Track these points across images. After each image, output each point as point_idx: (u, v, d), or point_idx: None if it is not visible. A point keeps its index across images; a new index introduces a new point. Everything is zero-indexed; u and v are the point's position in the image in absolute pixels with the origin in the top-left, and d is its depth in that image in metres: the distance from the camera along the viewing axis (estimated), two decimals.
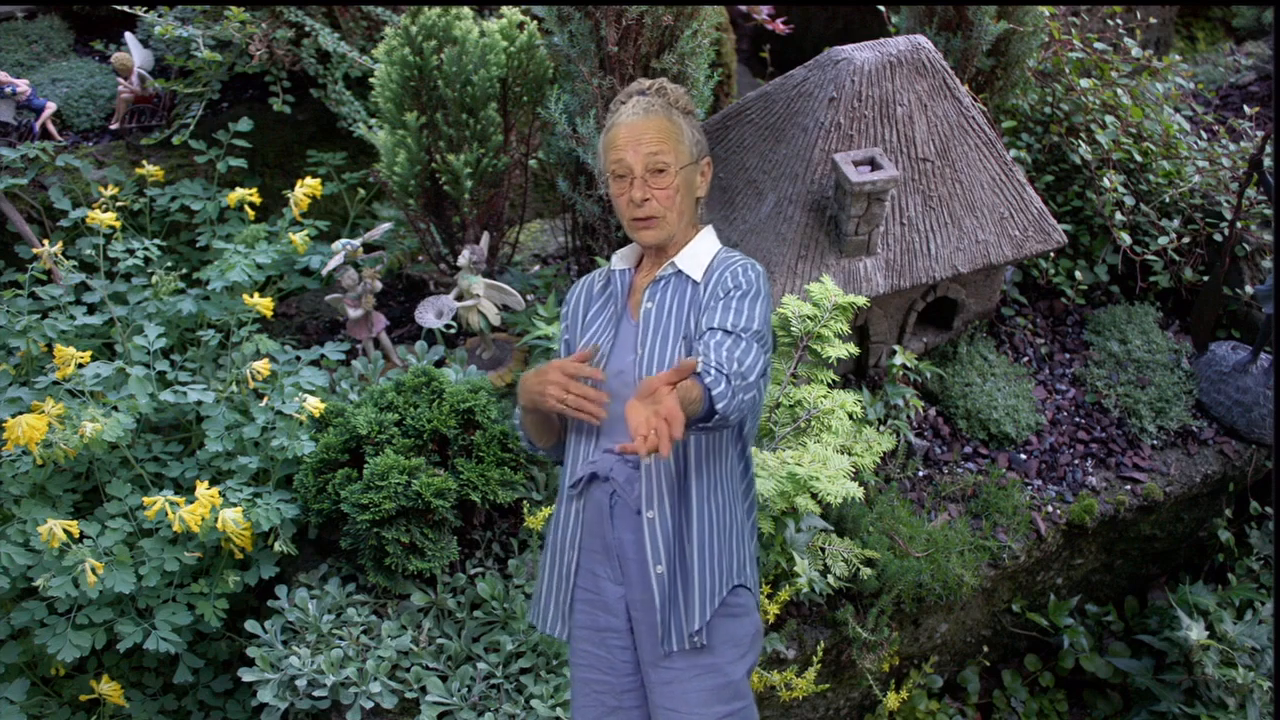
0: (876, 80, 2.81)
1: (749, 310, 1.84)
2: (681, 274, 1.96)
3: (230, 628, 2.74)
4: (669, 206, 1.92)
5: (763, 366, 1.81)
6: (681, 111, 1.95)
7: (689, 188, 1.95)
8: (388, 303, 3.48)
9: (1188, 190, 3.50)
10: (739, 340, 1.79)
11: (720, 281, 1.90)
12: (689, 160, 1.93)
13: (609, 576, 1.97)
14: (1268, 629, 2.98)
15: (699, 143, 1.96)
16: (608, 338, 1.98)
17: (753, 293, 1.86)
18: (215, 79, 3.62)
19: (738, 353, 1.77)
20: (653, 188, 1.91)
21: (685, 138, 1.93)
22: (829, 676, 2.67)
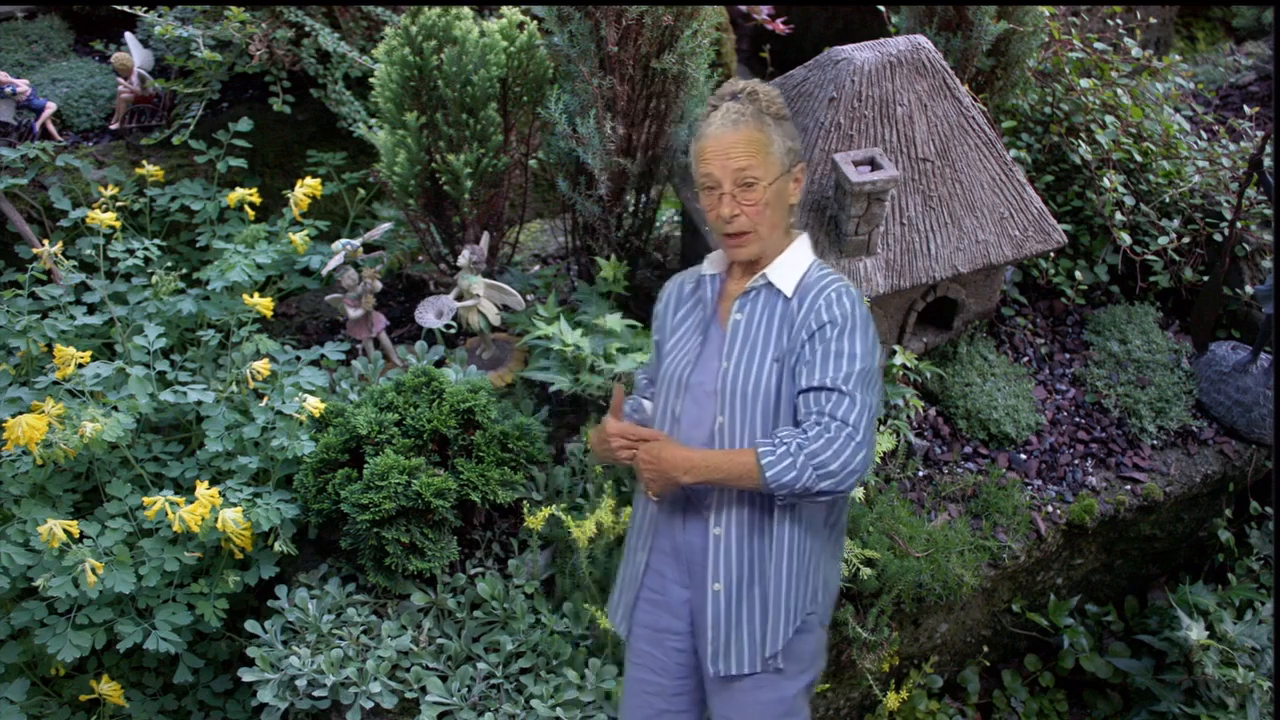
0: (876, 80, 2.81)
1: (848, 349, 1.78)
2: (772, 286, 1.90)
3: (230, 628, 2.74)
4: (759, 221, 1.88)
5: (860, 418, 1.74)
6: (773, 117, 1.88)
7: (780, 199, 1.89)
8: (388, 303, 3.48)
9: (1188, 190, 3.50)
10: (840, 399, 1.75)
11: (814, 311, 1.83)
12: (779, 171, 1.87)
13: (676, 579, 1.99)
14: (1268, 629, 2.98)
15: (791, 150, 1.89)
16: (694, 344, 1.97)
17: (849, 326, 1.80)
18: (215, 79, 3.62)
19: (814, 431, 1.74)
20: (742, 203, 1.87)
21: (775, 148, 1.87)
22: (829, 676, 2.67)
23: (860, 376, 1.77)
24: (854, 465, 1.73)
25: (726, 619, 1.91)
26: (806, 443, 1.73)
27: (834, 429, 1.74)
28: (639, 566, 2.03)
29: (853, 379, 1.76)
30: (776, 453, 1.75)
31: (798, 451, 1.74)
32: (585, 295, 3.07)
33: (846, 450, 1.73)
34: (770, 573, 1.88)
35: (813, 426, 1.75)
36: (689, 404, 1.94)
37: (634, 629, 2.06)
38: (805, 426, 1.76)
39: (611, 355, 2.82)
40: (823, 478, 1.73)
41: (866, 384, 1.77)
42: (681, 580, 1.99)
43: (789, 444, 1.75)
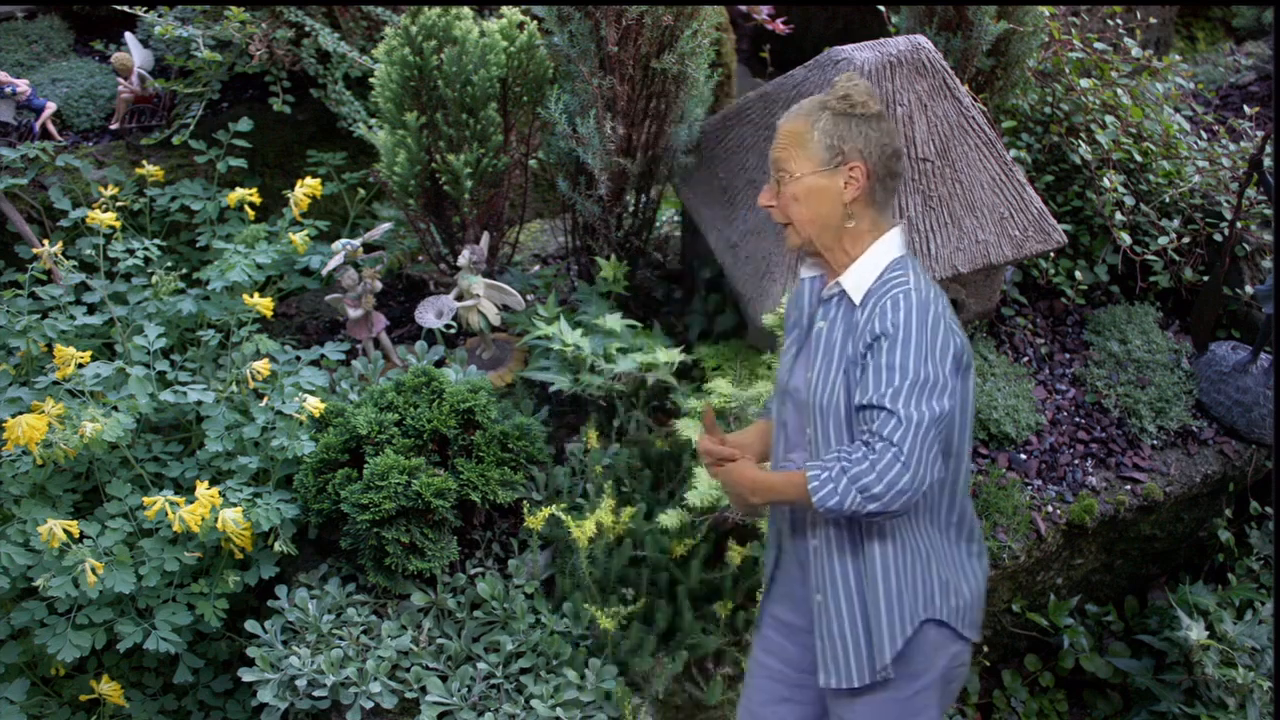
0: (876, 80, 2.81)
1: (898, 362, 1.71)
2: (846, 294, 1.87)
3: (230, 628, 2.74)
4: (790, 214, 1.87)
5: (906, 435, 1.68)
6: (834, 113, 1.83)
7: (816, 195, 1.84)
8: (388, 303, 3.48)
9: (1188, 190, 3.50)
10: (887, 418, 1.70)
11: (870, 321, 1.78)
12: (815, 167, 1.83)
13: (798, 577, 2.02)
14: (1268, 629, 2.98)
15: (833, 147, 1.82)
16: (793, 350, 1.99)
17: (899, 337, 1.73)
18: (215, 79, 3.62)
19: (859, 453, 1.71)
20: (778, 194, 1.88)
21: (813, 142, 1.83)
22: None
23: (911, 390, 1.70)
24: (900, 485, 1.67)
25: (829, 631, 1.91)
26: (850, 465, 1.70)
27: (879, 449, 1.69)
28: (773, 559, 2.08)
29: (901, 395, 1.69)
30: (821, 477, 1.73)
31: (840, 475, 1.71)
32: (585, 295, 3.07)
33: (891, 471, 1.68)
34: (870, 583, 1.86)
35: (859, 447, 1.72)
36: (791, 411, 1.95)
37: (764, 617, 2.11)
38: (853, 448, 1.73)
39: (611, 355, 2.82)
40: (868, 500, 1.69)
41: (920, 396, 1.70)
42: (801, 579, 2.01)
43: (832, 468, 1.72)
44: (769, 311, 2.62)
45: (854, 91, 1.83)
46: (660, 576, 2.49)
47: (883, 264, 1.85)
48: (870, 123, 1.83)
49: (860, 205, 1.85)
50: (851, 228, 1.86)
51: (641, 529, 2.53)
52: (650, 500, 2.65)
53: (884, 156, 1.83)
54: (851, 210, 1.85)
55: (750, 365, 2.88)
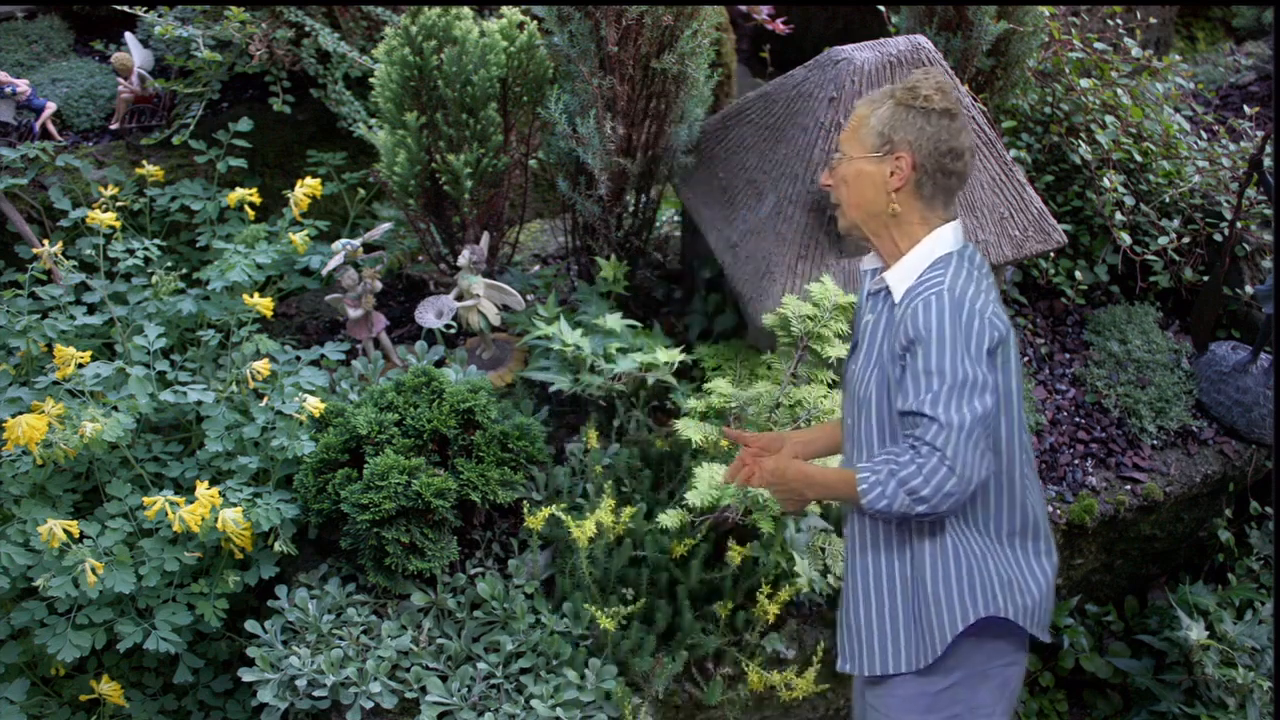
0: (876, 80, 2.81)
1: (934, 366, 1.73)
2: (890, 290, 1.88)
3: (230, 628, 2.74)
4: (838, 196, 1.92)
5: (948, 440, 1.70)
6: (897, 102, 1.84)
7: (863, 180, 1.86)
8: (388, 303, 3.48)
9: (1188, 190, 3.50)
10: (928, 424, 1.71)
11: (903, 324, 1.80)
12: (867, 151, 1.85)
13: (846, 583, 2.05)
14: (1268, 629, 2.98)
15: (883, 135, 1.83)
16: (853, 342, 2.02)
17: (932, 341, 1.74)
18: (215, 79, 3.62)
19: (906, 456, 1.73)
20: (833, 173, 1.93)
21: (867, 128, 1.85)
22: (829, 676, 2.67)
23: (950, 394, 1.70)
24: (947, 488, 1.70)
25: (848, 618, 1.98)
26: (898, 468, 1.73)
27: (924, 453, 1.71)
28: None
29: (940, 400, 1.71)
30: (870, 479, 1.75)
31: (889, 479, 1.73)
32: (585, 295, 3.07)
33: (937, 475, 1.70)
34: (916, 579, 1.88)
35: (906, 450, 1.74)
36: (848, 403, 1.99)
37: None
38: (900, 451, 1.75)
39: (611, 355, 2.82)
40: (916, 502, 1.72)
41: (959, 399, 1.70)
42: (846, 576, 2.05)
43: (881, 470, 1.75)
44: (769, 311, 2.62)
45: (922, 85, 1.83)
46: (660, 576, 2.49)
47: (927, 262, 1.85)
48: (929, 117, 1.82)
49: (905, 196, 1.85)
50: (897, 219, 1.87)
51: (641, 529, 2.53)
52: (650, 500, 2.66)
53: (936, 152, 1.82)
54: (896, 200, 1.85)
55: (750, 365, 2.88)
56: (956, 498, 1.71)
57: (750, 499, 2.41)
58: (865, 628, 1.94)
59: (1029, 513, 1.92)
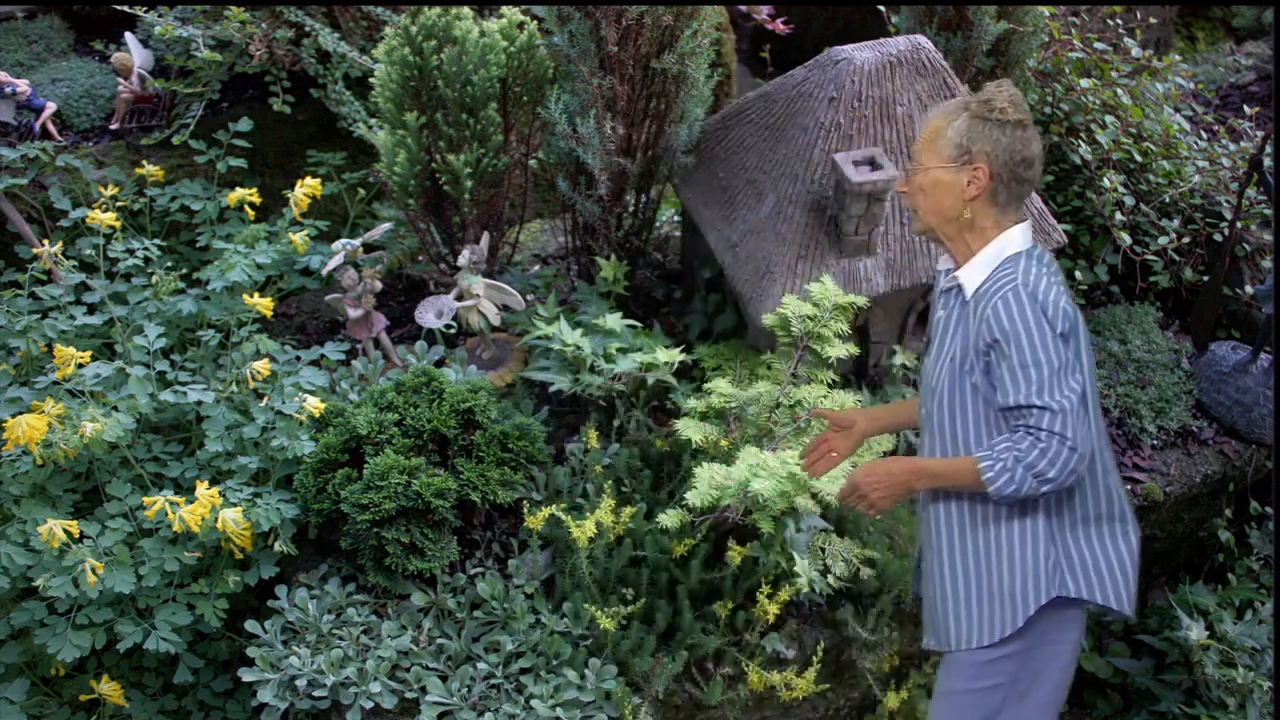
0: (876, 80, 2.81)
1: (1030, 358, 1.84)
2: (962, 288, 2.00)
3: (230, 628, 2.74)
4: (916, 203, 2.02)
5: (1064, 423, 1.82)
6: (972, 115, 1.94)
7: (940, 188, 1.97)
8: (388, 303, 3.48)
9: (1188, 190, 3.50)
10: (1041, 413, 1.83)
11: (984, 323, 1.91)
12: (945, 162, 1.95)
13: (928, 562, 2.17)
14: (1268, 629, 2.98)
15: (961, 146, 1.94)
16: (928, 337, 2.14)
17: (1021, 337, 1.85)
18: (215, 79, 3.62)
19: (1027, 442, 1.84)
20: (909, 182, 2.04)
21: (946, 138, 1.95)
22: (829, 676, 2.67)
23: (1051, 380, 1.83)
24: (1071, 465, 1.82)
25: (930, 596, 2.11)
26: (1022, 455, 1.84)
27: (1044, 438, 1.82)
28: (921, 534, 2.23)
29: (1045, 388, 1.83)
30: (995, 468, 1.86)
31: (1015, 465, 1.84)
32: (585, 295, 3.07)
33: (1061, 456, 1.82)
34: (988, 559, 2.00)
35: (1025, 438, 1.85)
36: (923, 393, 2.11)
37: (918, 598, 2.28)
38: (1018, 438, 1.85)
39: (611, 355, 2.82)
40: (1044, 483, 1.84)
41: (1060, 383, 1.83)
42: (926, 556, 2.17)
43: (1005, 459, 1.85)
44: (769, 311, 2.62)
45: (996, 98, 1.95)
46: (660, 576, 2.49)
47: (997, 261, 1.97)
48: (1004, 129, 1.93)
49: (981, 203, 1.97)
50: (972, 223, 1.99)
51: (641, 529, 2.53)
52: (650, 500, 2.65)
53: (1011, 162, 1.94)
54: (972, 207, 1.97)
55: (750, 365, 2.88)
56: (1078, 472, 1.84)
57: (750, 499, 2.41)
58: (947, 603, 2.06)
59: (1112, 493, 2.03)
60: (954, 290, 2.03)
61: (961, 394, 1.97)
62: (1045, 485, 1.84)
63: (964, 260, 2.01)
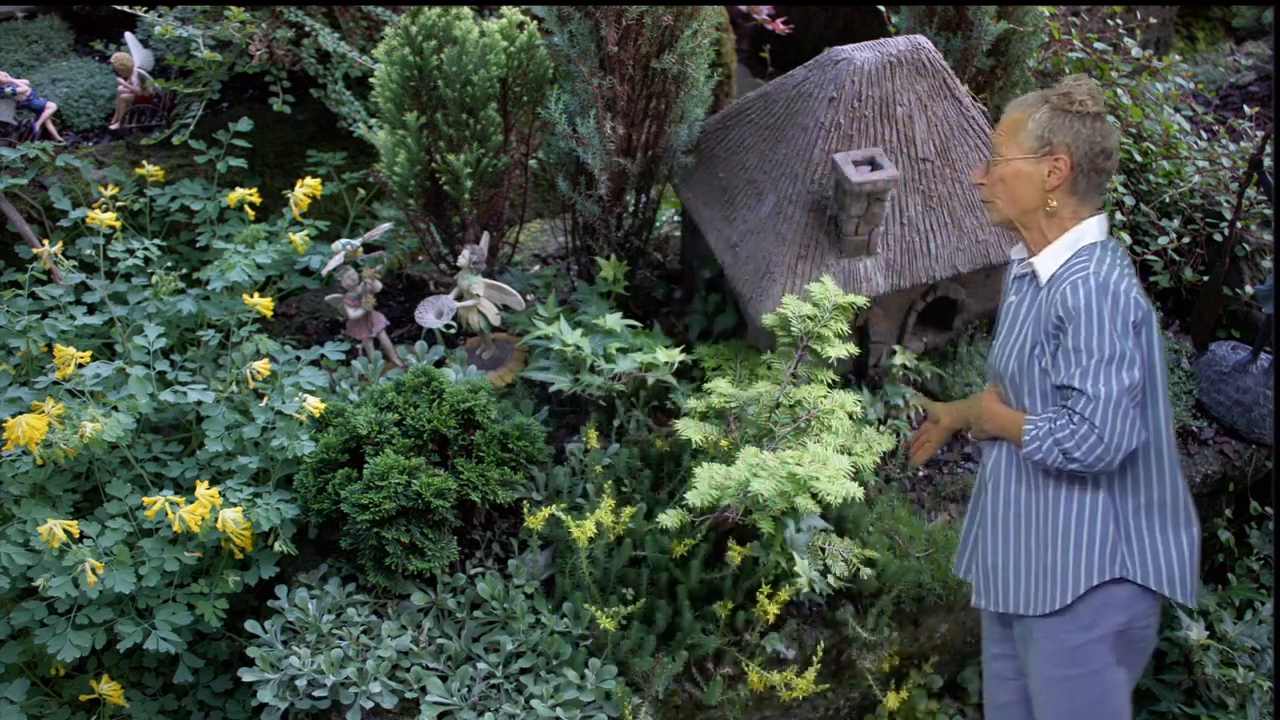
0: (876, 80, 2.81)
1: (1083, 343, 1.92)
2: (1036, 274, 2.08)
3: (230, 628, 2.74)
4: (995, 194, 2.09)
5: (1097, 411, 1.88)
6: (1053, 107, 2.01)
7: (1021, 179, 2.04)
8: (388, 303, 3.48)
9: (1188, 190, 3.50)
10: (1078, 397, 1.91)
11: (1053, 305, 1.98)
12: (1025, 153, 2.02)
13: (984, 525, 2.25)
14: (1268, 629, 2.98)
15: (1043, 138, 2.00)
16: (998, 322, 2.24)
17: (1081, 319, 1.92)
18: (215, 79, 3.62)
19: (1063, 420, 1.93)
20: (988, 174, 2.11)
21: (1026, 130, 2.02)
22: (829, 676, 2.67)
23: (1098, 368, 1.89)
24: (1098, 453, 1.89)
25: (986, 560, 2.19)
26: (1055, 430, 1.94)
27: (1077, 421, 1.91)
28: (972, 516, 2.31)
29: (1089, 374, 1.90)
30: (1031, 433, 1.98)
31: (1046, 436, 1.95)
32: (585, 295, 3.07)
33: (1086, 442, 1.90)
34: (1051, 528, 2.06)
35: (1062, 416, 1.94)
36: (993, 376, 2.23)
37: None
38: (1058, 415, 1.95)
39: (611, 355, 2.82)
40: (1069, 461, 1.92)
41: (1107, 372, 1.89)
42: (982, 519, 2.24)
43: (1042, 427, 1.96)
44: (769, 311, 2.62)
45: (1075, 90, 2.01)
46: (660, 576, 2.49)
47: (1073, 249, 2.03)
48: (1084, 120, 2.01)
49: (1061, 194, 2.04)
50: (1051, 213, 2.06)
51: (641, 529, 2.53)
52: (650, 500, 2.65)
53: (1091, 153, 2.01)
54: (1052, 197, 2.04)
55: (750, 365, 2.88)
56: (1106, 462, 1.90)
57: (750, 499, 2.41)
58: (1001, 565, 2.14)
59: (1178, 484, 2.07)
60: (1027, 276, 2.12)
61: (1030, 378, 2.05)
62: (1071, 464, 1.92)
63: (1038, 248, 2.08)
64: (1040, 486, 2.09)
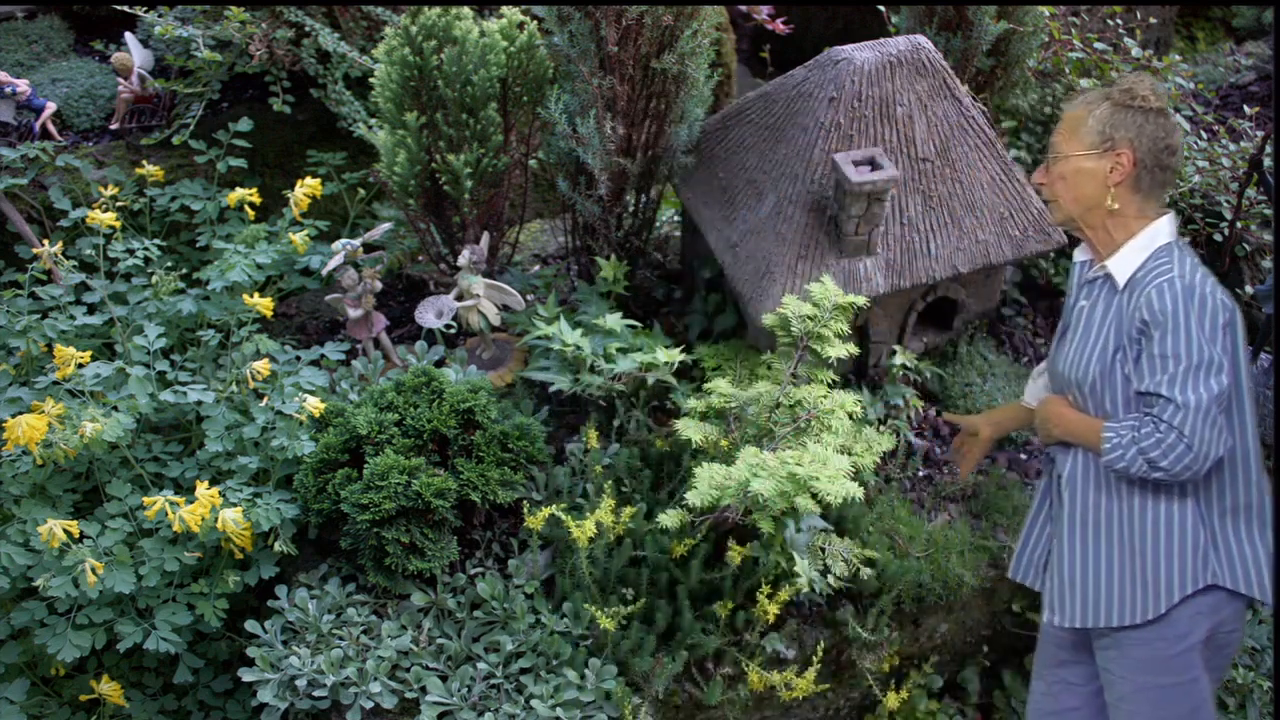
0: (876, 80, 2.81)
1: (1171, 349, 1.86)
2: (1111, 277, 2.02)
3: (230, 628, 2.74)
4: (1057, 192, 2.05)
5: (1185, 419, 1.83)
6: (1114, 104, 1.97)
7: (1082, 176, 2.00)
8: (388, 303, 3.48)
9: (1188, 190, 3.50)
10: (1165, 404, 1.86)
11: (1137, 309, 1.93)
12: (1087, 149, 1.99)
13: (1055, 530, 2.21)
14: (1268, 629, 2.98)
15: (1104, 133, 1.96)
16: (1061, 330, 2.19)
17: (1169, 325, 1.87)
18: (215, 79, 3.62)
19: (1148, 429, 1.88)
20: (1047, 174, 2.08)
21: (1086, 127, 1.99)
22: (829, 676, 2.67)
23: (1186, 375, 1.85)
24: (1185, 462, 1.84)
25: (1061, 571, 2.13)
26: (1140, 438, 1.88)
27: (1163, 429, 1.86)
28: (1042, 525, 2.29)
29: (1176, 381, 1.85)
30: (1113, 441, 1.93)
31: (1130, 445, 1.90)
32: (585, 295, 3.07)
33: (1174, 452, 1.85)
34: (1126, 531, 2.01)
35: (1147, 424, 1.89)
36: (1060, 384, 2.18)
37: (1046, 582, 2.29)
38: (1143, 423, 1.90)
39: (611, 355, 2.82)
40: (1154, 469, 1.88)
41: (1196, 379, 1.84)
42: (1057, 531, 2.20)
43: (1124, 435, 1.91)
44: (769, 311, 2.62)
45: (1137, 86, 1.98)
46: (660, 576, 2.49)
47: (1148, 251, 1.98)
48: (1147, 116, 1.97)
49: (1125, 190, 1.99)
50: (1115, 211, 2.01)
51: (641, 529, 2.53)
52: (650, 500, 2.66)
53: (1155, 148, 1.96)
54: (1115, 194, 1.99)
55: (750, 365, 2.88)
56: (1194, 471, 1.86)
57: (750, 499, 2.41)
58: (1081, 577, 2.08)
59: (1262, 486, 2.04)
60: (1099, 280, 2.07)
61: (1112, 385, 2.01)
62: (1156, 473, 1.87)
63: (1106, 249, 2.04)
64: (1125, 495, 2.02)
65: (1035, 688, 2.40)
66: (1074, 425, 2.08)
